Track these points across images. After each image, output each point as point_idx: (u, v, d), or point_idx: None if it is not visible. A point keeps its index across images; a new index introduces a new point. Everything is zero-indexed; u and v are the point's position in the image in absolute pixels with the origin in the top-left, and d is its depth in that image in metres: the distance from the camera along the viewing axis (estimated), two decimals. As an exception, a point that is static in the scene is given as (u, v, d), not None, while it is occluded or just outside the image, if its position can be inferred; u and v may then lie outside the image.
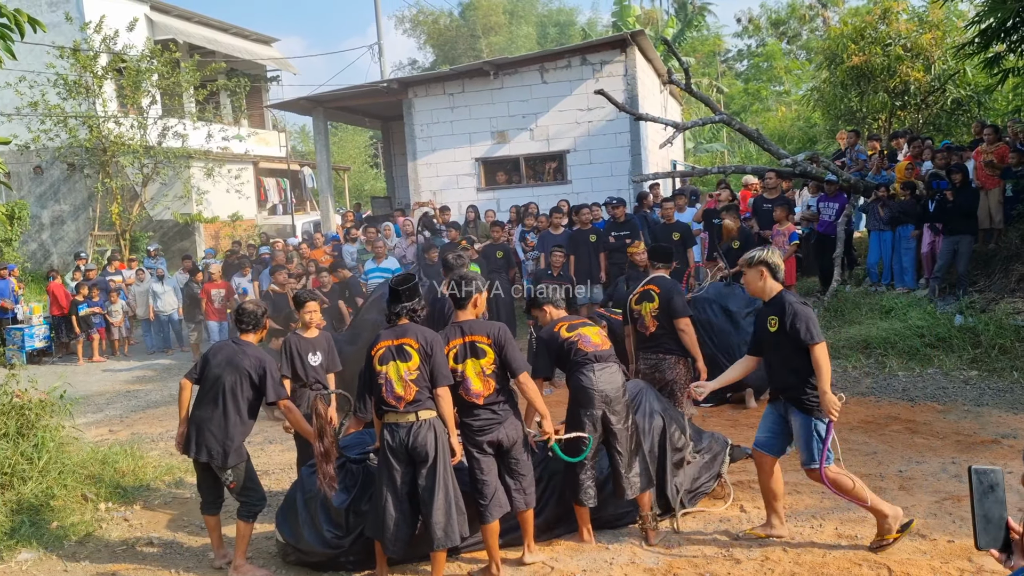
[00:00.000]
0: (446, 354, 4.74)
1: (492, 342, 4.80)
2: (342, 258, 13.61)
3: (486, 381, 4.78)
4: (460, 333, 4.84)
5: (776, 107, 34.14)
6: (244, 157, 23.26)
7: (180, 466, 7.47)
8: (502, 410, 4.82)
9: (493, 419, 4.78)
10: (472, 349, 4.79)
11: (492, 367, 4.78)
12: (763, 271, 4.98)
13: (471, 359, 4.78)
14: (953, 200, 10.30)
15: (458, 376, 4.77)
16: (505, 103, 16.26)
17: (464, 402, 4.80)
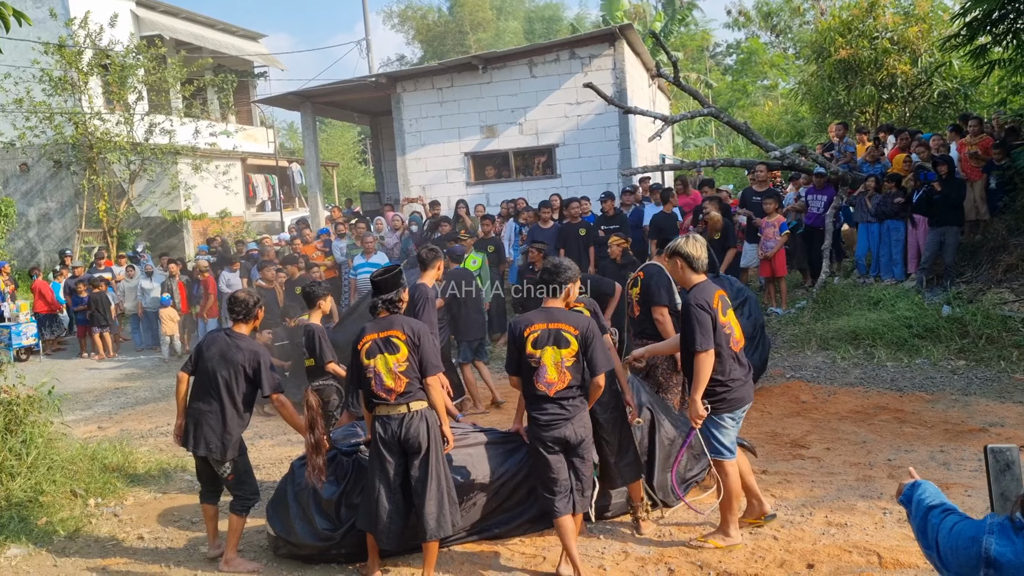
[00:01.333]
0: (525, 337, 4.55)
1: (579, 334, 4.56)
2: (332, 253, 13.61)
3: (563, 373, 4.55)
4: (545, 318, 4.60)
5: (763, 102, 34.23)
6: (232, 154, 23.15)
7: (170, 462, 7.45)
8: (571, 406, 4.56)
9: (561, 415, 4.54)
10: (556, 337, 4.55)
11: (572, 359, 4.55)
12: (679, 262, 4.94)
13: (552, 346, 4.54)
14: (940, 191, 10.35)
15: (533, 363, 4.55)
16: (494, 97, 16.23)
17: (534, 393, 4.58)
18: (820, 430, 7.17)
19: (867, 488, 5.72)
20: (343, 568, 5.01)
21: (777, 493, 5.73)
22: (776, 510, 5.33)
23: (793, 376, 8.96)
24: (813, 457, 6.49)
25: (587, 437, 4.65)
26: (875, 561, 4.58)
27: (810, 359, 9.47)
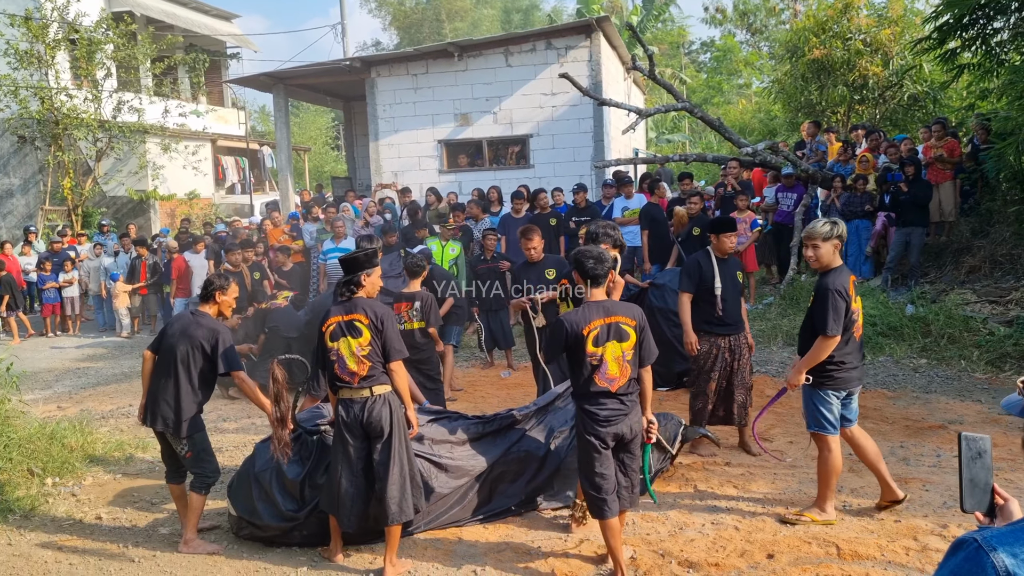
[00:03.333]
0: (585, 335, 4.26)
1: (636, 325, 4.36)
2: (302, 237, 13.50)
3: (624, 368, 4.32)
4: (602, 313, 4.31)
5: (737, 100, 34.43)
6: (202, 134, 22.85)
7: (130, 442, 7.35)
8: (630, 401, 4.39)
9: (621, 410, 4.35)
10: (616, 331, 4.30)
11: (632, 352, 4.34)
12: (836, 243, 4.97)
13: (613, 341, 4.29)
14: (906, 192, 10.49)
15: (595, 360, 4.27)
16: (469, 85, 16.17)
17: (593, 389, 4.31)
18: (784, 424, 7.24)
19: (828, 481, 5.78)
20: (305, 551, 4.97)
21: (740, 485, 5.78)
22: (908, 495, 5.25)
23: (759, 371, 9.03)
24: (777, 450, 6.55)
25: (640, 434, 4.50)
26: (833, 552, 4.63)
27: (776, 354, 9.56)
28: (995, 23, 10.72)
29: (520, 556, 4.81)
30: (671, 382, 8.54)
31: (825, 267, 5.00)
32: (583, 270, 4.42)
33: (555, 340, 4.40)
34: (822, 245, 4.93)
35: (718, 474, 6.06)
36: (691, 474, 6.05)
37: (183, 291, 13.05)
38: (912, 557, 4.50)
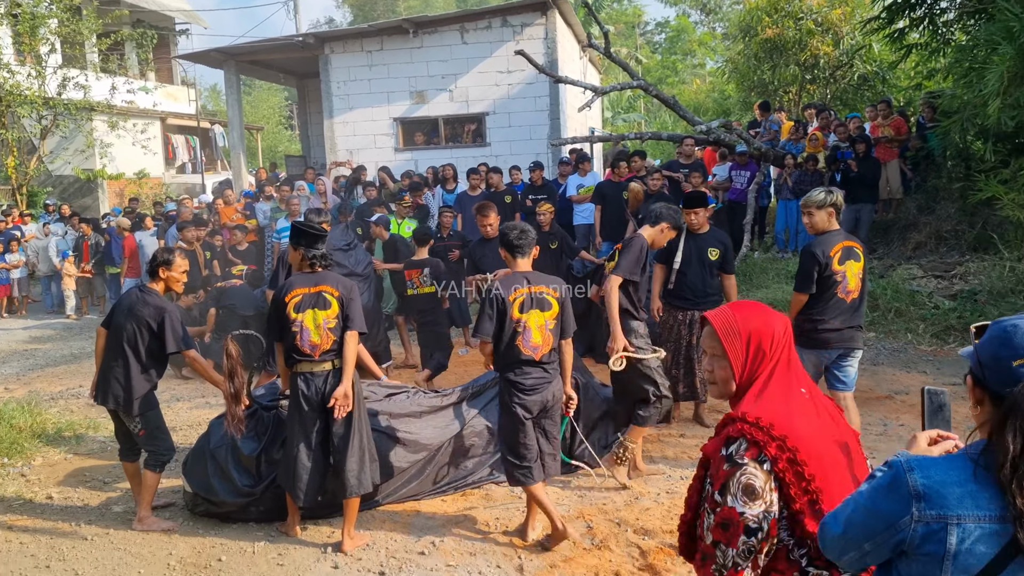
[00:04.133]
0: (511, 301, 4.40)
1: (559, 296, 4.53)
2: (255, 216, 13.32)
3: (546, 336, 4.49)
4: (525, 283, 4.49)
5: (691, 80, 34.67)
6: (151, 112, 22.36)
7: (81, 423, 7.23)
8: (552, 369, 4.57)
9: (545, 378, 4.52)
10: (539, 300, 4.48)
11: (555, 322, 4.51)
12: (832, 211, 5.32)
13: (536, 310, 4.46)
14: (856, 170, 10.69)
15: (519, 327, 4.43)
16: (424, 63, 16.03)
17: (517, 357, 4.45)
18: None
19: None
20: (262, 526, 4.96)
21: (695, 456, 5.89)
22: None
23: (712, 345, 9.18)
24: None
25: (560, 401, 4.66)
26: (784, 517, 4.75)
27: (729, 329, 9.70)
28: (941, 3, 10.95)
29: (479, 528, 4.85)
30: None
31: (819, 232, 5.35)
32: (507, 242, 4.60)
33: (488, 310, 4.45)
34: (816, 213, 5.31)
35: (672, 445, 6.17)
36: (647, 446, 6.13)
37: (134, 271, 12.84)
38: (859, 520, 4.63)
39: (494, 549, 4.56)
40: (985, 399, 1.74)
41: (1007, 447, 1.60)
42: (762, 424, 1.93)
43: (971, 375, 1.77)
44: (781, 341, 2.07)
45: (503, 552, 4.52)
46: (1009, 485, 1.60)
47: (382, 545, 4.66)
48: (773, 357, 2.05)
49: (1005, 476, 1.60)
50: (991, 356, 1.71)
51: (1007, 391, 1.64)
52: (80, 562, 4.61)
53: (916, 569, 1.69)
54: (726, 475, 1.93)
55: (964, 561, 1.62)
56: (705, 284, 6.43)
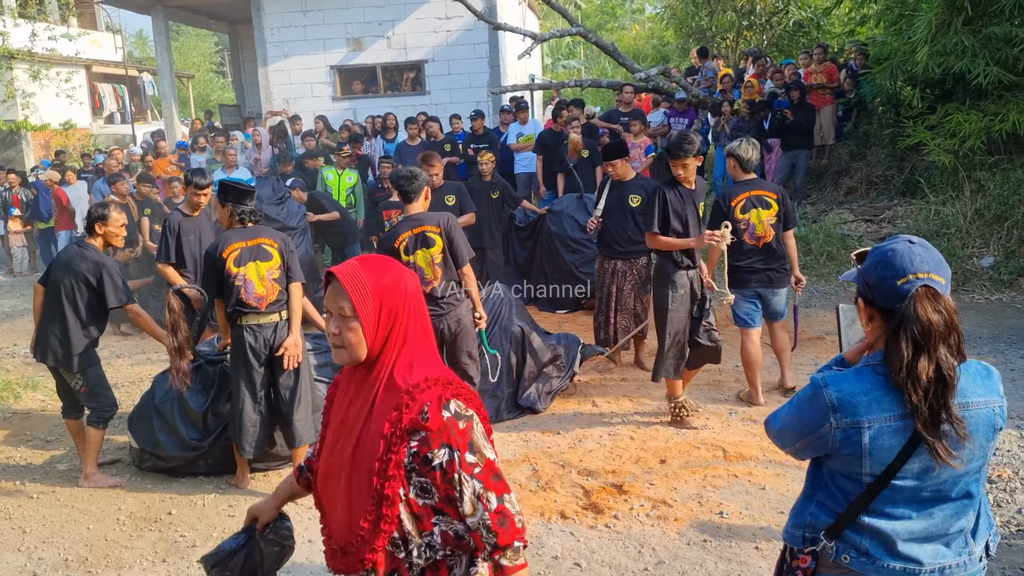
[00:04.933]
0: (396, 247, 4.80)
1: (442, 231, 4.87)
2: (190, 168, 13.00)
3: (436, 271, 4.88)
4: (409, 225, 4.87)
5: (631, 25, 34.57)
6: (75, 60, 21.50)
7: (18, 382, 7.11)
8: (447, 304, 4.94)
9: (439, 311, 4.89)
10: (423, 240, 4.85)
11: (441, 256, 4.88)
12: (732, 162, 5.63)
13: (422, 249, 4.86)
14: (792, 117, 10.89)
15: (411, 267, 4.58)
16: (360, 8, 15.69)
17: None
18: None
19: (716, 392, 6.15)
20: (211, 479, 4.99)
21: (635, 399, 6.07)
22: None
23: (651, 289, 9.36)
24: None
25: (463, 330, 5.03)
26: (720, 455, 4.97)
27: (668, 275, 9.90)
28: (874, -50, 11.10)
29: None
30: (568, 305, 8.78)
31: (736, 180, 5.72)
32: (398, 186, 4.95)
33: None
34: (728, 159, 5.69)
35: (614, 389, 6.34)
36: (589, 390, 6.30)
37: (65, 223, 12.52)
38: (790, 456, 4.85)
39: (443, 494, 4.67)
40: (876, 315, 1.97)
41: (902, 354, 1.85)
42: (453, 379, 1.85)
43: (861, 297, 2.01)
44: (414, 301, 1.89)
45: (451, 496, 4.63)
46: (905, 385, 1.85)
47: (332, 494, 4.73)
48: (408, 316, 1.87)
49: (902, 378, 1.86)
50: (877, 278, 1.94)
51: (896, 306, 1.88)
52: (27, 520, 4.60)
53: (840, 466, 1.97)
54: (466, 431, 1.78)
55: (878, 455, 1.90)
56: (627, 232, 6.57)
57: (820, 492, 2.05)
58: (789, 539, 2.11)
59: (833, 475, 2.01)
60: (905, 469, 1.90)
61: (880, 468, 1.91)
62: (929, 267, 1.90)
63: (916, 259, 1.90)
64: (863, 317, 2.02)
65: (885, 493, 1.92)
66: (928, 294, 1.86)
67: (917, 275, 1.88)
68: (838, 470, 1.99)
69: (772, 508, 4.26)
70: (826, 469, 2.03)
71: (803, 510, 2.09)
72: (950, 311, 1.87)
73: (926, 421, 1.84)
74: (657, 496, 4.46)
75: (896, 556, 1.95)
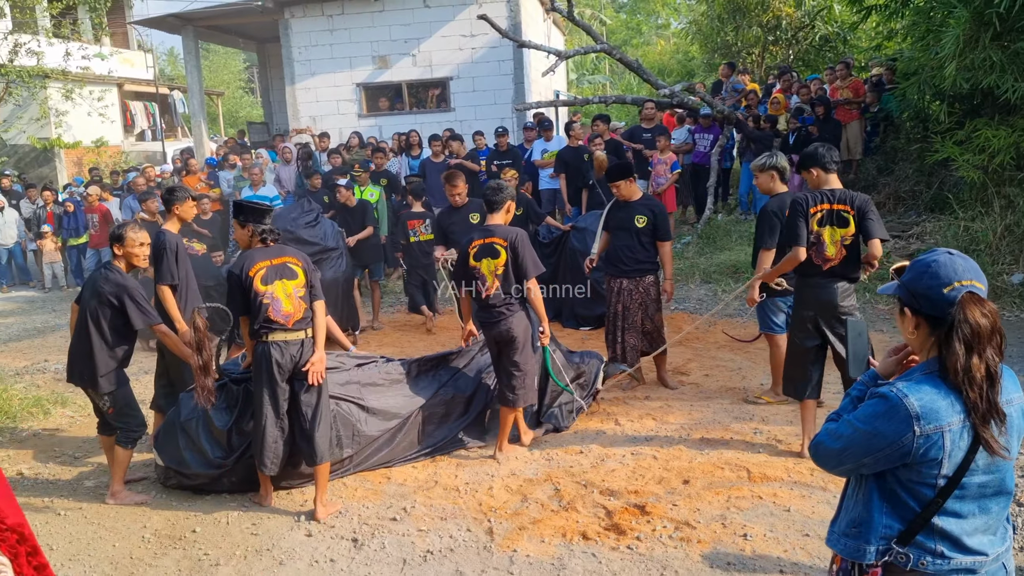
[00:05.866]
0: (468, 251, 5.22)
1: (508, 245, 5.17)
2: (219, 185, 13.19)
3: (494, 280, 5.21)
4: (483, 234, 5.27)
5: (656, 41, 34.59)
6: (107, 79, 21.82)
7: (48, 398, 7.21)
8: (505, 310, 5.21)
9: (496, 316, 5.22)
10: (490, 250, 5.20)
11: (503, 268, 5.18)
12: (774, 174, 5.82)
13: (488, 259, 5.20)
14: (817, 132, 10.82)
15: (476, 273, 5.23)
16: (387, 27, 15.86)
17: (478, 298, 5.29)
18: (700, 358, 7.54)
19: (741, 411, 6.09)
20: (235, 497, 5.02)
21: (658, 417, 6.03)
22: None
23: (677, 308, 9.33)
24: (693, 383, 6.84)
25: (518, 339, 5.25)
26: (745, 476, 4.92)
27: (693, 292, 9.86)
28: (900, -36, 11.00)
29: (448, 492, 4.96)
30: (592, 323, 8.76)
31: (768, 193, 5.91)
32: (484, 196, 5.36)
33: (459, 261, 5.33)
34: (759, 175, 5.88)
35: (637, 408, 6.30)
36: (612, 408, 6.27)
37: (101, 241, 12.71)
38: (815, 477, 4.81)
39: (464, 513, 4.67)
40: (922, 323, 2.10)
41: (956, 355, 2.00)
42: None
43: (907, 307, 2.13)
44: None
45: (473, 516, 4.63)
46: (963, 385, 2.00)
47: (355, 512, 4.75)
48: None
49: (960, 379, 2.00)
50: (925, 287, 2.07)
51: (945, 313, 2.03)
52: (54, 537, 4.65)
53: (913, 474, 2.07)
54: None
55: (955, 457, 2.02)
56: (633, 251, 6.54)
57: (886, 504, 2.13)
58: (857, 555, 2.17)
59: (901, 484, 2.10)
60: (972, 467, 2.03)
61: (953, 469, 2.03)
62: (971, 275, 2.05)
63: (959, 268, 2.05)
64: (909, 326, 2.14)
65: (956, 493, 2.04)
66: (974, 299, 2.01)
67: (961, 282, 2.03)
68: (911, 478, 2.08)
69: (797, 531, 4.21)
70: (892, 480, 2.11)
71: (872, 523, 2.15)
72: (994, 314, 2.03)
73: (982, 417, 1.99)
74: (680, 517, 4.43)
75: (967, 551, 2.08)
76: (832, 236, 4.87)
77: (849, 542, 2.20)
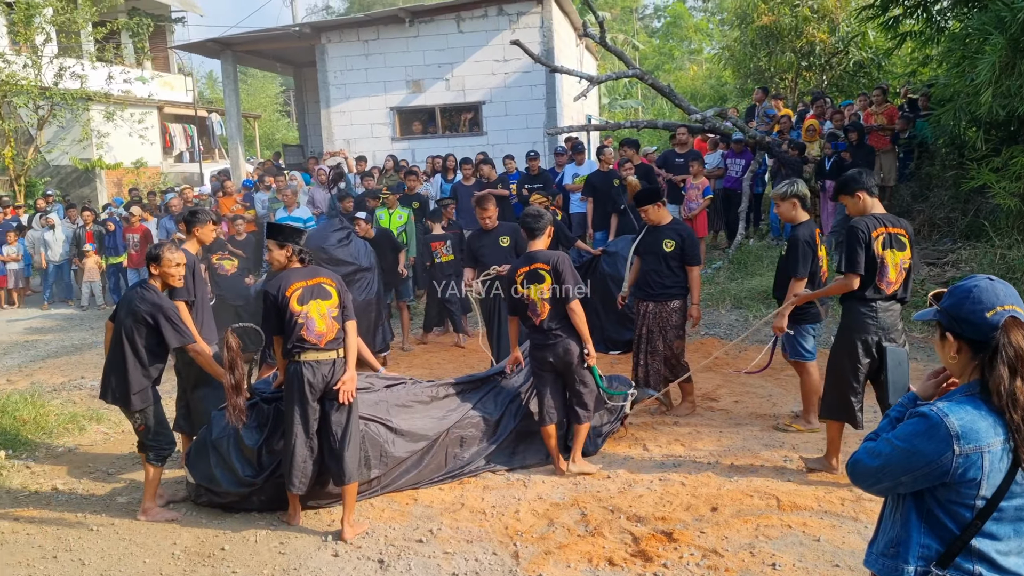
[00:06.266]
0: (516, 280, 5.35)
1: (550, 268, 5.29)
2: (254, 206, 13.39)
3: (543, 305, 5.32)
4: (527, 261, 5.40)
5: (688, 66, 34.64)
6: (148, 101, 22.35)
7: (83, 414, 7.33)
8: (555, 335, 5.33)
9: (547, 341, 5.34)
10: (535, 275, 5.33)
11: (549, 292, 5.30)
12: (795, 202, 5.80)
13: (534, 284, 5.32)
14: (850, 158, 10.75)
15: (525, 300, 5.35)
16: (421, 52, 16.06)
17: (528, 323, 5.41)
18: (730, 384, 7.49)
19: (770, 438, 6.03)
20: (263, 515, 5.06)
21: (687, 443, 5.99)
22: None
23: (707, 333, 9.28)
24: (723, 409, 6.79)
25: (573, 361, 5.36)
26: (774, 504, 4.87)
27: (724, 317, 9.80)
28: (935, -9, 10.98)
29: (475, 515, 4.96)
30: (621, 347, 8.74)
31: (790, 221, 5.90)
32: (524, 224, 5.48)
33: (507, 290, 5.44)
34: (780, 204, 5.87)
35: (666, 433, 6.27)
36: (640, 434, 6.25)
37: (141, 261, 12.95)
38: (847, 507, 4.75)
39: (491, 536, 4.67)
40: (963, 347, 2.14)
41: (1000, 378, 2.03)
42: None
43: (949, 331, 2.17)
44: None
45: (499, 540, 4.63)
46: (1006, 408, 2.03)
47: (381, 533, 4.77)
48: None
49: (1004, 402, 2.03)
50: (967, 312, 2.12)
51: (988, 337, 2.07)
52: (87, 552, 4.72)
53: (952, 494, 2.08)
54: None
55: (994, 478, 2.04)
56: (660, 276, 6.55)
57: (924, 523, 2.15)
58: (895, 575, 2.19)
59: (939, 504, 2.12)
60: (1011, 490, 2.05)
61: (992, 491, 2.05)
62: (1012, 300, 2.10)
63: (1000, 293, 2.11)
64: (951, 351, 2.17)
65: (994, 515, 2.06)
66: (1017, 324, 2.06)
67: (1004, 307, 2.08)
68: (949, 499, 2.09)
69: (827, 561, 4.16)
70: (931, 500, 2.13)
71: (910, 543, 2.17)
72: None
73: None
74: (708, 545, 4.39)
75: (1003, 572, 2.10)
76: (893, 259, 4.93)
77: (887, 562, 2.22)
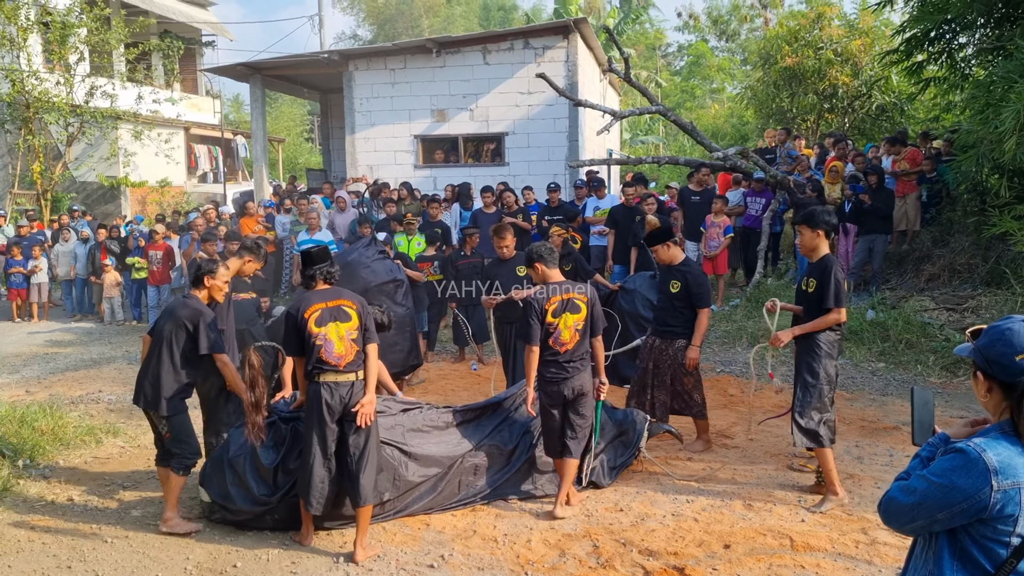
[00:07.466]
0: (547, 309, 5.22)
1: (588, 301, 5.32)
2: (275, 228, 13.54)
3: (574, 335, 5.29)
4: (561, 290, 5.33)
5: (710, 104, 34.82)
6: (175, 122, 22.70)
7: (101, 427, 7.38)
8: (576, 367, 5.32)
9: (563, 375, 5.30)
10: (572, 305, 5.28)
11: (583, 323, 5.29)
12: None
13: (568, 313, 5.27)
14: (870, 201, 10.77)
15: (552, 328, 5.25)
16: (446, 82, 16.27)
17: (548, 356, 5.29)
18: (745, 422, 7.45)
19: (785, 477, 6.00)
20: (276, 534, 5.08)
21: (701, 479, 5.97)
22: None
23: (723, 371, 9.26)
24: (737, 447, 6.76)
25: (586, 395, 5.39)
26: (787, 544, 4.83)
27: (740, 355, 9.78)
28: (960, 38, 11.03)
29: (486, 543, 4.95)
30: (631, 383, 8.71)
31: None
32: (540, 256, 5.44)
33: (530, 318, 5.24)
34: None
35: (680, 468, 6.24)
36: (654, 468, 6.22)
37: (162, 277, 13.08)
38: (861, 550, 4.71)
39: (502, 565, 4.66)
40: (995, 387, 2.17)
41: None
42: None
43: (981, 371, 2.21)
44: None
45: (510, 568, 4.62)
46: None
47: (393, 557, 4.77)
48: None
49: None
50: (998, 354, 2.14)
51: (1017, 380, 2.10)
52: (100, 564, 4.75)
53: (988, 530, 2.09)
54: None
55: None
56: (667, 314, 6.60)
57: (957, 561, 2.15)
58: None
59: (974, 541, 2.12)
60: None
61: None
62: None
63: None
64: (982, 389, 2.21)
65: None
66: None
67: None
68: (984, 535, 2.10)
69: (840, 603, 4.12)
70: (965, 537, 2.13)
71: None
72: None
73: None
74: (720, 582, 4.36)
75: None
76: None
77: None
